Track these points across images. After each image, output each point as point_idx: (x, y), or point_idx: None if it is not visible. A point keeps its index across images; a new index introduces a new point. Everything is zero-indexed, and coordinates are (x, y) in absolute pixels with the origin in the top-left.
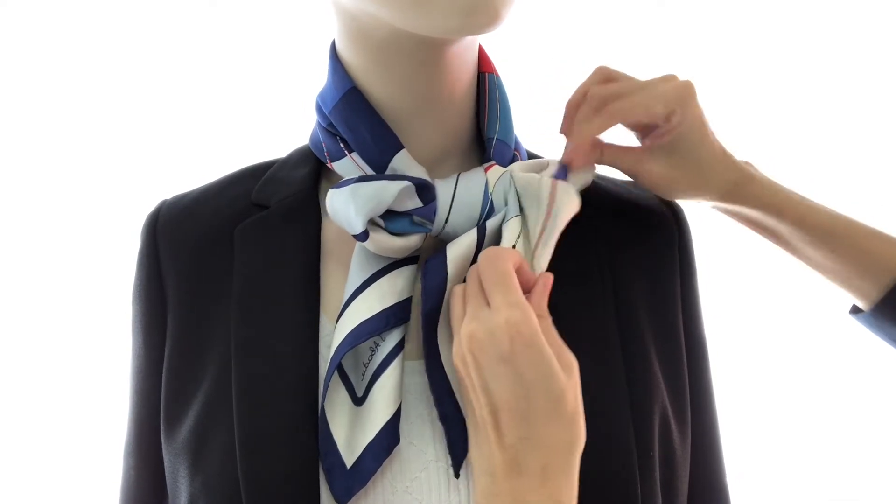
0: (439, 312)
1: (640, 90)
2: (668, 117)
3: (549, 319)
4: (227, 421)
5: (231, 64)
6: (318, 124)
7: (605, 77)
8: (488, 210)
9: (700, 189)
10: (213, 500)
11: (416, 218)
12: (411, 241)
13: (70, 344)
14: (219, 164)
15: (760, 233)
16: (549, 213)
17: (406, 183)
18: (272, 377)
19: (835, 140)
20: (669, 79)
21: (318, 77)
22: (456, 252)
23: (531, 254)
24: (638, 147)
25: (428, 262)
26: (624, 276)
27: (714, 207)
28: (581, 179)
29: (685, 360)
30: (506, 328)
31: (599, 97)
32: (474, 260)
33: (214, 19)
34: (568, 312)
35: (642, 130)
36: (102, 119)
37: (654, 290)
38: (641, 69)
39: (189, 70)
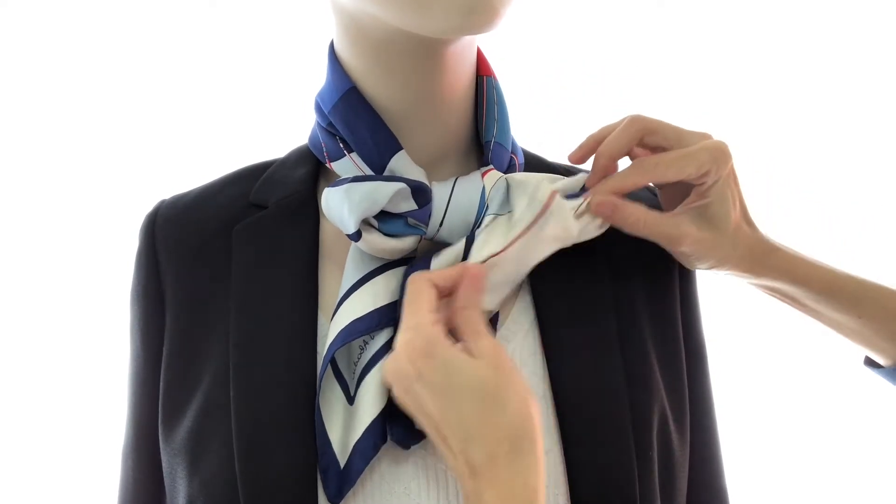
0: None
1: (675, 152)
2: (701, 178)
3: (473, 309)
4: (226, 421)
5: (230, 64)
6: (318, 124)
7: (643, 130)
8: (484, 215)
9: (726, 259)
10: (212, 501)
11: (410, 220)
12: (405, 243)
13: (69, 344)
14: (217, 164)
15: (781, 299)
16: (535, 220)
17: (401, 185)
18: (270, 377)
19: (835, 140)
20: (705, 136)
21: (318, 77)
22: (440, 263)
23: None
24: (669, 213)
25: (411, 269)
26: (623, 278)
27: (734, 276)
28: (588, 225)
29: (684, 363)
30: (403, 352)
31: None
32: None
33: (214, 19)
34: (568, 315)
35: (667, 189)
36: (102, 119)
37: (653, 293)
38: (641, 69)
39: (188, 70)
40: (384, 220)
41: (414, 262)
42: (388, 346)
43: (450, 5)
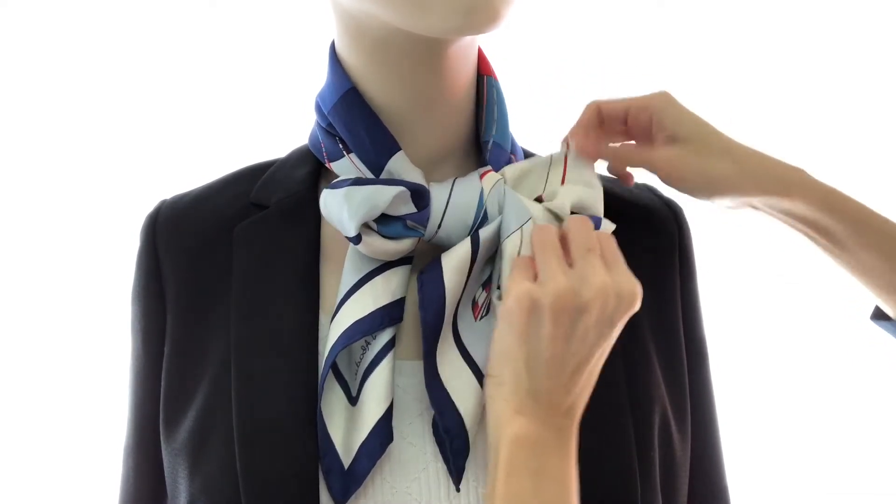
0: (440, 328)
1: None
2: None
3: None
4: (227, 421)
5: (231, 64)
6: (318, 124)
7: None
8: (482, 218)
9: (743, 183)
10: (213, 500)
11: (409, 222)
12: (404, 245)
13: (70, 344)
14: (218, 164)
15: (809, 233)
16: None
17: (401, 188)
18: (271, 377)
19: (836, 140)
20: None
21: (318, 77)
22: (451, 263)
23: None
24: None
25: (423, 274)
26: None
27: (760, 208)
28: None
29: (685, 361)
30: (624, 294)
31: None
32: (469, 271)
33: (214, 19)
34: None
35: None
36: (102, 119)
37: (654, 291)
38: (642, 69)
39: (189, 70)
40: (383, 222)
41: (414, 262)
42: (391, 345)
43: (450, 5)
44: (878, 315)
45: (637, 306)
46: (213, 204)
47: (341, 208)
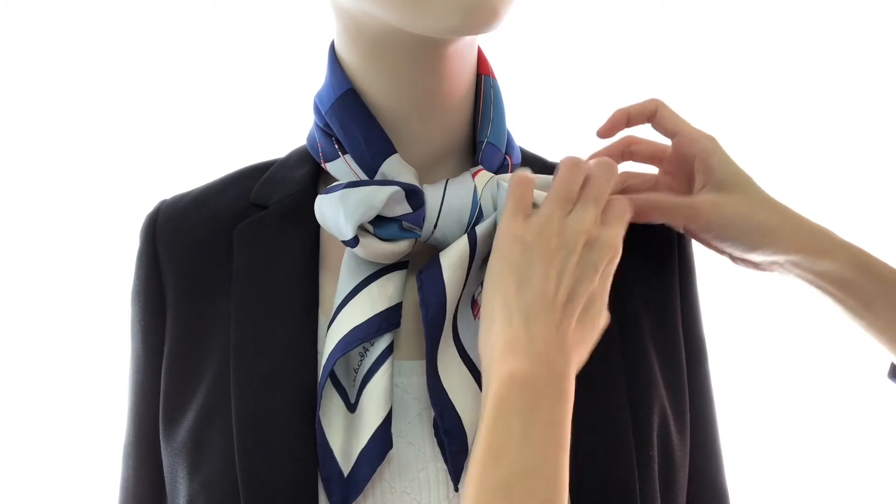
0: (441, 326)
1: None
2: (693, 148)
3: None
4: (226, 422)
5: (231, 64)
6: (315, 124)
7: (656, 103)
8: (477, 215)
9: (773, 232)
10: (212, 501)
11: (404, 224)
12: (401, 247)
13: (70, 345)
14: (218, 164)
15: (837, 294)
16: None
17: (395, 188)
18: (271, 379)
19: (836, 141)
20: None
21: (318, 77)
22: (450, 261)
23: None
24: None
25: (423, 273)
26: (624, 277)
27: (791, 269)
28: None
29: (685, 362)
30: (604, 244)
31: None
32: (468, 268)
33: (215, 19)
34: None
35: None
36: (102, 119)
37: (653, 292)
38: (642, 70)
39: (189, 70)
40: (379, 224)
41: (411, 265)
42: (389, 350)
43: (449, 5)
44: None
45: (616, 259)
46: (213, 204)
47: (337, 212)
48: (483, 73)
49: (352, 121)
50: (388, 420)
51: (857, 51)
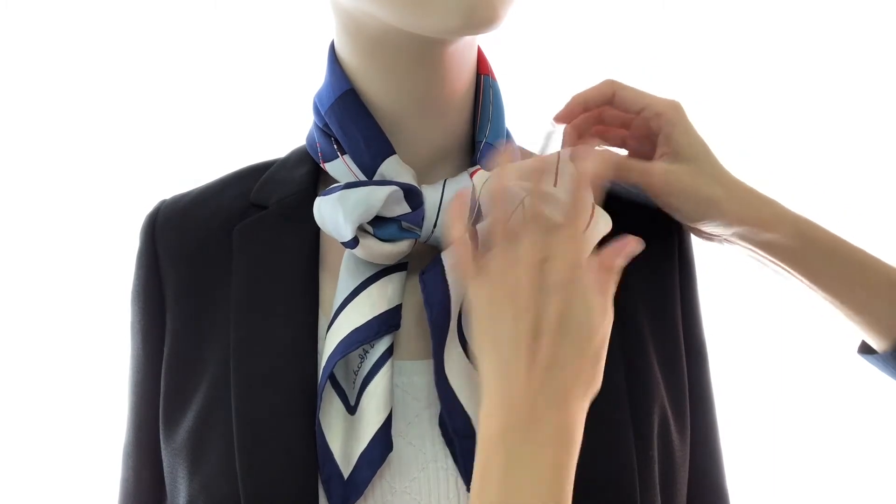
0: (447, 326)
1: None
2: (655, 117)
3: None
4: (226, 423)
5: (231, 64)
6: (315, 124)
7: (613, 86)
8: (476, 213)
9: (730, 210)
10: (212, 501)
11: (404, 224)
12: (400, 248)
13: (69, 345)
14: (218, 164)
15: (785, 267)
16: None
17: (394, 187)
18: (271, 379)
19: (837, 141)
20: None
21: (318, 77)
22: (452, 261)
23: None
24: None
25: (425, 273)
26: (624, 277)
27: (737, 242)
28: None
29: (685, 362)
30: (573, 257)
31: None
32: None
33: (215, 19)
34: None
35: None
36: (102, 119)
37: (653, 292)
38: (643, 70)
39: (189, 70)
40: (378, 225)
41: (412, 266)
42: (389, 352)
43: (449, 5)
44: (865, 349)
45: (585, 246)
46: (213, 204)
47: (335, 212)
48: (483, 73)
49: (351, 121)
50: (388, 422)
51: (857, 51)
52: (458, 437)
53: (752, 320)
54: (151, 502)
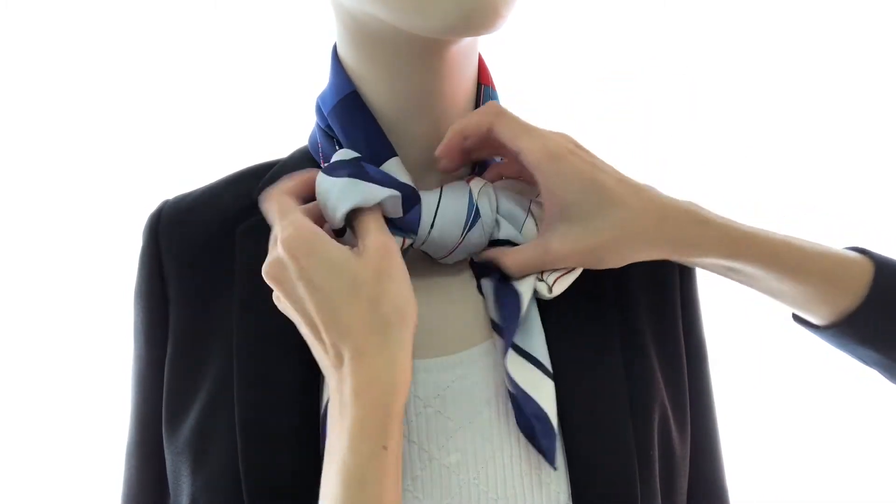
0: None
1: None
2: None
3: (367, 209)
4: (229, 421)
5: (233, 64)
6: (317, 125)
7: (493, 115)
8: (474, 215)
9: (641, 234)
10: (215, 499)
11: (398, 224)
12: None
13: (72, 344)
14: (221, 164)
15: (719, 272)
16: None
17: (395, 193)
18: (274, 377)
19: (838, 141)
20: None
21: (321, 78)
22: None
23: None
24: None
25: (504, 297)
26: (624, 277)
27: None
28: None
29: (685, 362)
30: (286, 249)
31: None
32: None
33: (216, 20)
34: (568, 313)
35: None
36: (104, 119)
37: (654, 292)
38: (643, 71)
39: (191, 70)
40: None
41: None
42: None
43: (450, 6)
44: (798, 319)
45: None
46: (216, 204)
47: (329, 194)
48: (484, 84)
49: (353, 123)
50: None
51: (857, 50)
52: (539, 421)
53: (752, 320)
54: (154, 501)
